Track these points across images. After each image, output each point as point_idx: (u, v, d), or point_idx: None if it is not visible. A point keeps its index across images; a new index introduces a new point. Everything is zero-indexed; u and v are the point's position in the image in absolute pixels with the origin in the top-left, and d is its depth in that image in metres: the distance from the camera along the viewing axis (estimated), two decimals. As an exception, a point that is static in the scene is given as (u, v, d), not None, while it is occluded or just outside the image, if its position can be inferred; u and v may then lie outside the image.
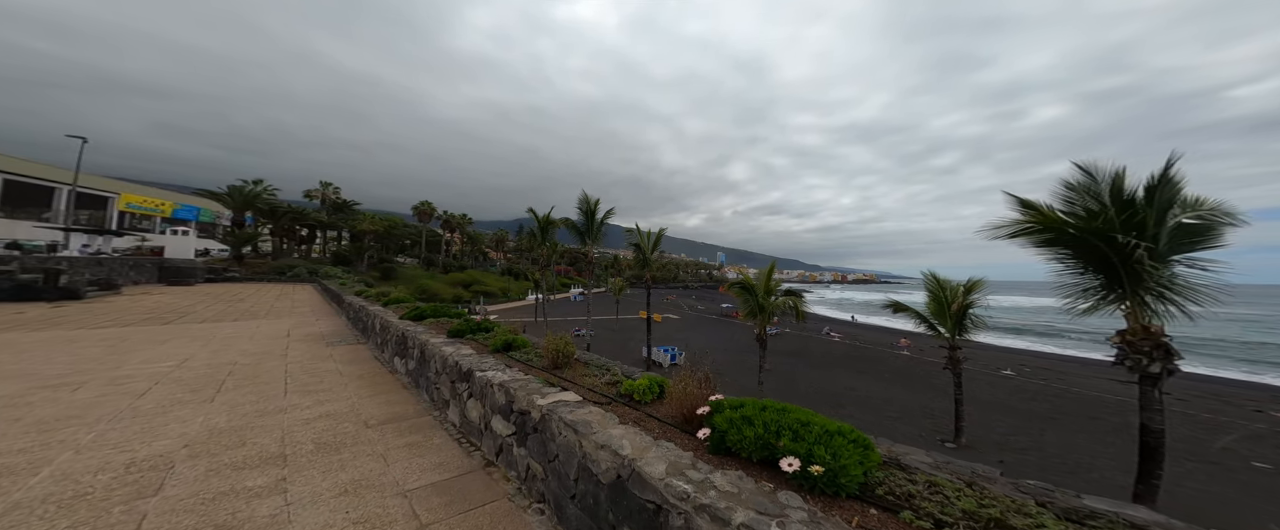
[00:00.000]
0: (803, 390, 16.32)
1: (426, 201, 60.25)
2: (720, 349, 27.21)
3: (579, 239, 22.60)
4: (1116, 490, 7.92)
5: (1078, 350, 33.72)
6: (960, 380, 10.11)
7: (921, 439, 10.92)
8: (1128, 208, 4.98)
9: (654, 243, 19.94)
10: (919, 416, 13.06)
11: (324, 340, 7.94)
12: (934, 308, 10.44)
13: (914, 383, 18.52)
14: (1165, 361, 4.80)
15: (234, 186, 36.00)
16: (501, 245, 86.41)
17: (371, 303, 9.63)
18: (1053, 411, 13.72)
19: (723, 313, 56.10)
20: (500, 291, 58.17)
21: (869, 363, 23.49)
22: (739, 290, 15.59)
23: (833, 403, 14.57)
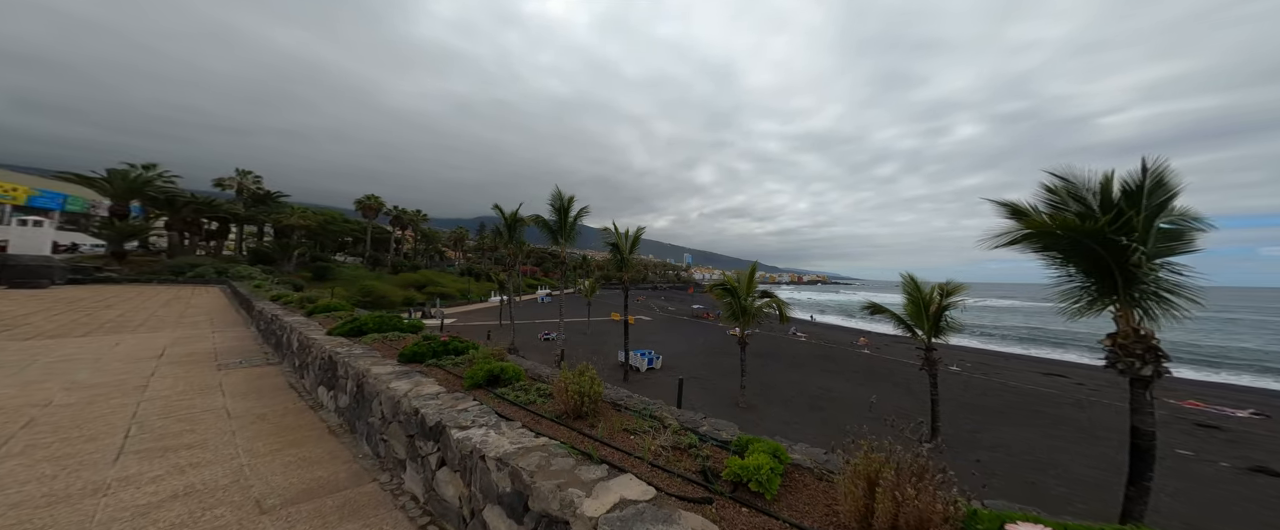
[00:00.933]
0: (785, 394, 16.34)
1: (372, 195, 54.46)
2: (695, 351, 27.03)
3: (551, 238, 21.21)
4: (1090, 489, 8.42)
5: (1002, 346, 38.10)
6: (936, 381, 10.43)
7: (897, 438, 11.18)
8: (1114, 210, 5.08)
9: (632, 242, 19.14)
10: (894, 416, 13.46)
11: (215, 362, 6.18)
12: (911, 310, 10.73)
13: (880, 380, 19.40)
14: (1156, 364, 4.92)
15: (115, 170, 29.64)
16: (460, 244, 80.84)
17: (291, 311, 7.85)
18: (1003, 406, 14.85)
19: (693, 314, 56.65)
20: (459, 293, 54.14)
21: (836, 362, 24.41)
22: (722, 292, 15.27)
23: (813, 406, 14.66)
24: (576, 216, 20.74)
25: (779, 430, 12.08)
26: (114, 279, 25.15)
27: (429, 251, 74.76)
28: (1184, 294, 4.75)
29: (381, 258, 55.50)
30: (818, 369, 22.05)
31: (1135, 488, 4.94)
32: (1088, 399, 16.62)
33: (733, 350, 27.93)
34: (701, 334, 35.62)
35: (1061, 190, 5.65)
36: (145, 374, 5.30)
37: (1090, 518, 7.47)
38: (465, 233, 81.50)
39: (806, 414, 13.56)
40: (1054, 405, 15.36)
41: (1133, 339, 5.04)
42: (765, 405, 14.69)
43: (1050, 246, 5.47)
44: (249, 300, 11.11)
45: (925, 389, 17.85)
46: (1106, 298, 5.22)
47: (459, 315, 40.94)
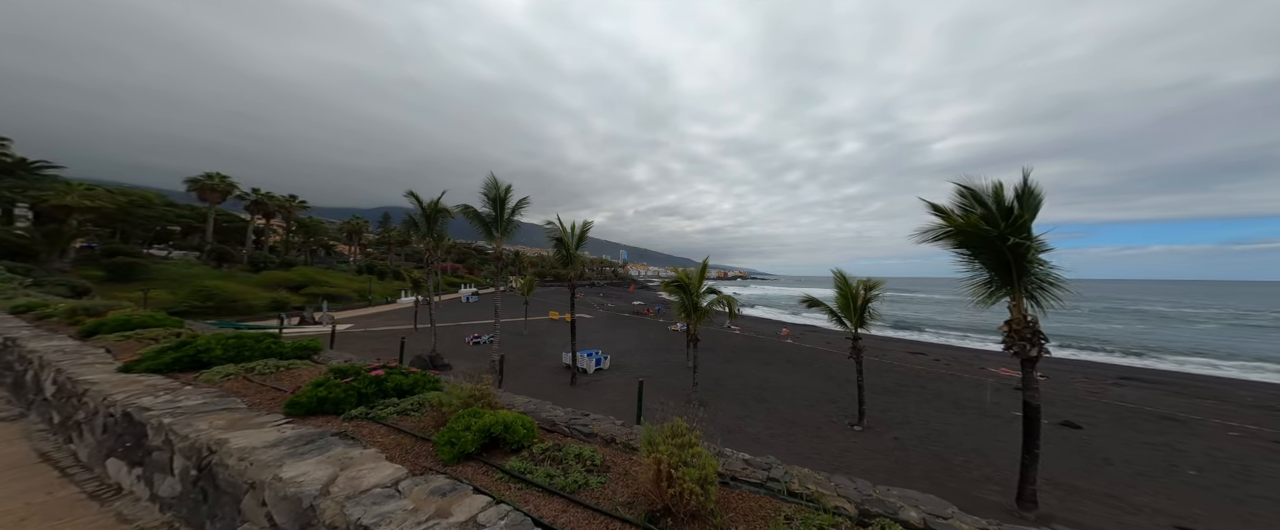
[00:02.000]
0: (731, 387, 16.98)
1: (216, 174, 42.03)
2: (641, 349, 26.86)
3: (484, 231, 18.65)
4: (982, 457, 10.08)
5: (877, 330, 46.41)
6: (861, 368, 11.77)
7: (832, 423, 12.36)
8: (1009, 213, 6.08)
9: (579, 238, 17.87)
10: (824, 402, 14.93)
11: None
12: (841, 303, 11.93)
13: (807, 369, 21.60)
14: (1040, 346, 6.01)
15: None
16: (357, 237, 68.09)
17: (50, 329, 5.01)
18: (895, 385, 17.68)
19: (634, 310, 56.98)
20: (357, 294, 45.30)
21: (767, 353, 26.61)
22: (675, 289, 15.11)
23: (758, 397, 15.47)
24: (514, 209, 18.59)
25: (733, 425, 12.39)
26: None
27: (310, 245, 60.77)
28: (1059, 285, 5.91)
29: (232, 252, 43.07)
30: (754, 361, 23.68)
31: (1028, 454, 6.00)
32: (952, 376, 20.92)
33: (678, 346, 28.59)
34: (645, 331, 35.75)
35: (968, 195, 6.58)
36: None
37: (992, 484, 8.45)
38: (364, 224, 68.56)
39: (754, 406, 14.22)
40: (931, 382, 18.96)
41: (1023, 325, 6.09)
42: (716, 400, 15.03)
43: (964, 244, 6.30)
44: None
45: (843, 374, 20.62)
46: (1004, 289, 6.22)
47: (356, 320, 34.10)
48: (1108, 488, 7.88)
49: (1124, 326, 50.38)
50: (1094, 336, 41.38)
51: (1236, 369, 27.06)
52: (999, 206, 6.16)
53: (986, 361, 25.54)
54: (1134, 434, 11.77)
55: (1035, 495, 5.84)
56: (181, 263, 38.57)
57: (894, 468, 9.01)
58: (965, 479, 8.40)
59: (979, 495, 7.30)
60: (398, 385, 3.24)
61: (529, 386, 17.01)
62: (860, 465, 9.23)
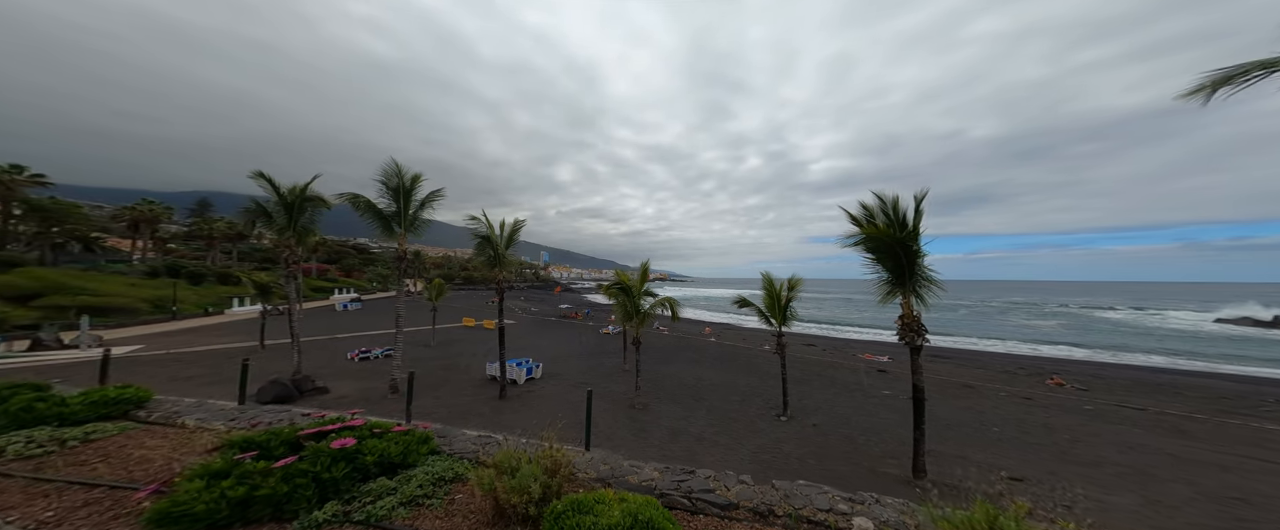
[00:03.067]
0: (669, 389, 17.31)
1: None
2: (574, 355, 25.67)
3: (381, 227, 15.23)
4: (885, 438, 12.08)
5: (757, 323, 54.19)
6: (785, 362, 13.33)
7: (762, 416, 13.66)
8: (903, 223, 7.63)
9: (509, 237, 16.03)
10: (753, 397, 16.41)
11: None
12: (768, 302, 13.36)
13: (733, 365, 23.55)
14: (923, 337, 7.63)
15: None
16: (150, 229, 49.16)
17: None
18: (801, 376, 20.57)
19: (561, 313, 54.66)
20: (149, 305, 32.22)
21: (696, 351, 28.33)
22: (617, 291, 14.74)
23: (696, 396, 16.11)
24: (423, 202, 15.70)
25: (679, 426, 12.59)
26: None
27: (55, 238, 40.57)
28: (935, 284, 7.63)
29: None
30: (685, 360, 24.88)
31: (918, 430, 7.54)
32: (838, 364, 25.50)
33: (611, 349, 28.24)
34: (574, 335, 34.41)
35: (874, 208, 8.04)
36: None
37: (889, 459, 10.13)
38: (161, 210, 49.05)
39: (694, 406, 14.77)
40: (826, 370, 22.75)
41: (912, 319, 7.67)
42: (657, 403, 15.15)
43: (874, 248, 7.64)
44: None
45: (763, 368, 23.16)
46: (898, 288, 7.76)
47: (150, 339, 24.21)
48: (956, 449, 10.45)
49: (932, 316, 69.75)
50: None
51: (988, 344, 39.92)
52: (897, 217, 7.72)
53: (855, 349, 32.11)
54: (955, 402, 16.08)
55: (925, 465, 7.46)
56: None
57: (819, 452, 10.37)
58: (871, 456, 10.16)
59: (884, 471, 8.88)
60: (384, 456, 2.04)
61: (450, 404, 14.48)
62: (794, 453, 10.35)
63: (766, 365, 23.46)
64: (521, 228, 16.30)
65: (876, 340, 39.04)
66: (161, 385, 15.13)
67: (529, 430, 12.23)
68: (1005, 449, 11.03)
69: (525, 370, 18.49)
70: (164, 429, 2.79)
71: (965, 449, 10.59)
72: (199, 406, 6.38)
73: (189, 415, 4.77)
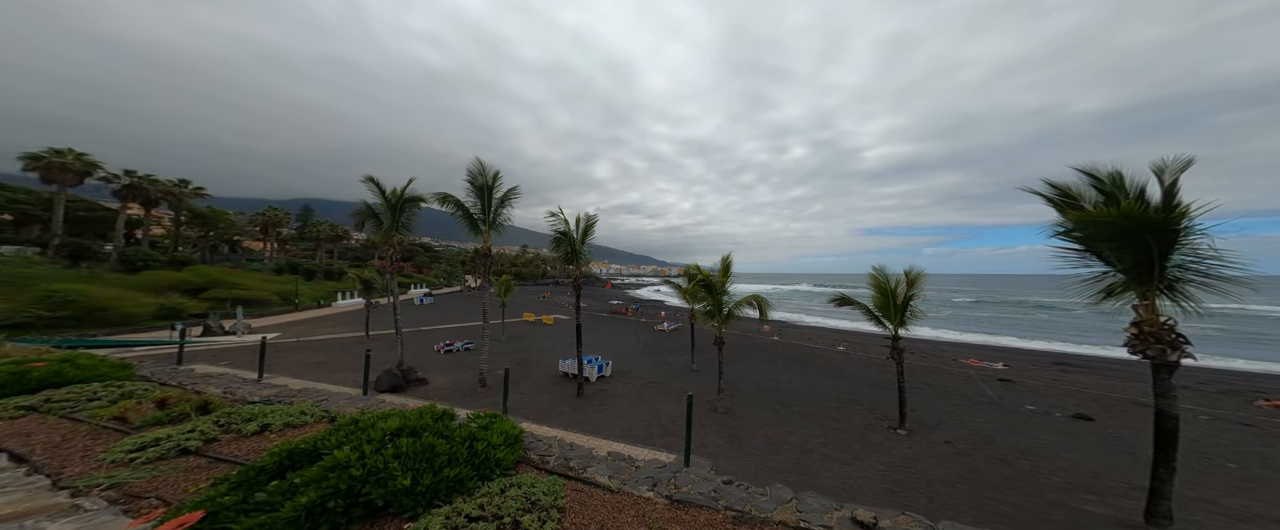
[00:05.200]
0: (749, 391, 16.11)
1: (68, 150, 32.78)
2: (637, 352, 25.32)
3: (469, 225, 15.83)
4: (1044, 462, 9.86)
5: (837, 322, 48.98)
6: (903, 369, 11.43)
7: (872, 427, 11.93)
8: (1146, 206, 5.49)
9: (585, 231, 15.84)
10: (849, 403, 14.60)
11: None
12: (879, 300, 11.51)
13: (811, 367, 21.56)
14: (1181, 351, 5.62)
15: None
16: (275, 232, 57.74)
17: None
18: (915, 384, 18.02)
19: (612, 309, 55.15)
20: (279, 298, 37.94)
21: (762, 351, 26.51)
22: (698, 288, 13.79)
23: (781, 401, 14.74)
24: (503, 199, 16.05)
25: (774, 434, 11.41)
26: None
27: (208, 241, 49.89)
28: (1224, 280, 5.20)
29: (92, 247, 33.74)
30: (754, 360, 23.30)
31: (1166, 468, 5.54)
32: (939, 369, 22.14)
33: (672, 347, 27.51)
34: (630, 332, 34.22)
35: (1102, 182, 5.82)
36: None
37: (1083, 492, 7.72)
38: (283, 215, 57.93)
39: (784, 412, 13.43)
40: (929, 376, 19.74)
41: (1159, 327, 5.66)
42: (740, 406, 14.05)
43: (1108, 235, 5.61)
44: None
45: (844, 371, 20.77)
46: (1140, 285, 5.67)
47: (283, 328, 28.24)
48: (1195, 490, 7.64)
49: (1024, 316, 59.40)
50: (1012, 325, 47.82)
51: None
52: (1139, 198, 5.66)
53: (950, 353, 27.87)
54: (1143, 425, 12.58)
55: (1171, 510, 5.44)
56: (16, 260, 28.94)
57: (969, 476, 8.61)
58: (1051, 487, 8.15)
59: (1084, 509, 6.89)
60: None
61: (532, 400, 14.73)
62: (936, 475, 8.71)
63: (851, 368, 21.09)
64: (596, 223, 16.04)
65: (967, 342, 33.77)
66: (302, 371, 17.34)
67: (613, 431, 11.76)
68: (1256, 490, 8.22)
69: (597, 368, 18.41)
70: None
71: (1203, 488, 8.01)
72: (356, 400, 6.73)
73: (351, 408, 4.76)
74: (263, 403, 2.22)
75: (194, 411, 2.04)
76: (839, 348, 27.10)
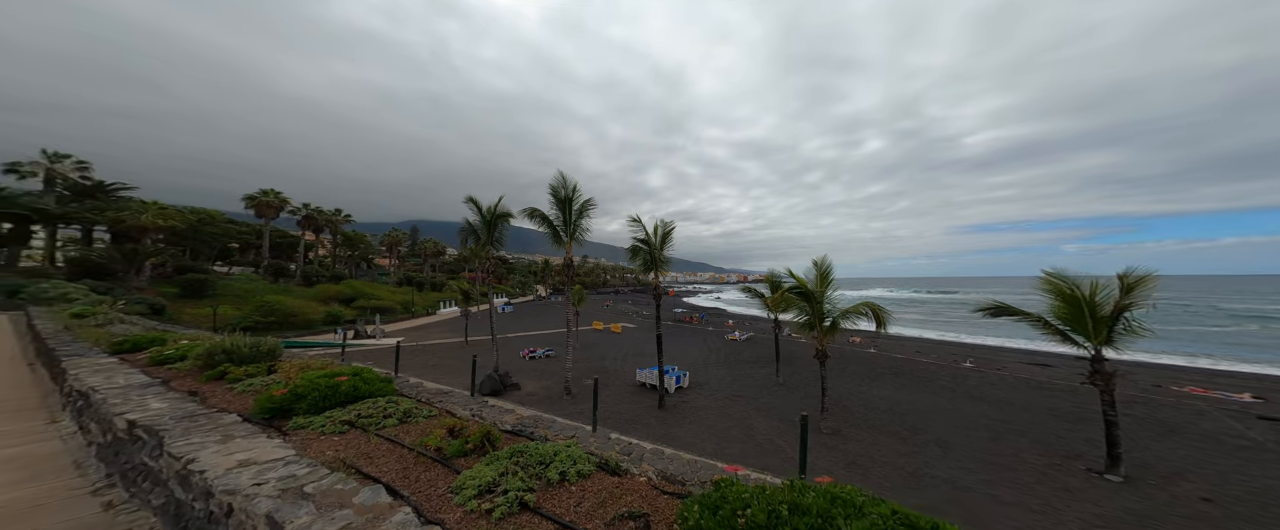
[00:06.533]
0: (858, 411, 13.97)
1: (271, 190, 43.34)
2: (711, 363, 24.14)
3: (552, 236, 16.76)
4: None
5: (969, 336, 40.31)
6: (1113, 400, 8.55)
7: (1058, 466, 9.18)
8: None
9: (663, 238, 15.57)
10: (1008, 433, 11.69)
11: None
12: (1064, 311, 8.82)
13: (934, 386, 18.10)
14: None
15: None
16: (396, 249, 69.38)
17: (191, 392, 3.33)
18: (1082, 413, 13.84)
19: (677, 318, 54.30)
20: (401, 306, 45.22)
21: (860, 365, 23.23)
22: (793, 296, 12.39)
23: (907, 425, 12.41)
24: (581, 210, 16.64)
25: (909, 465, 9.45)
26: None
27: (352, 259, 62.24)
28: None
29: (285, 267, 43.98)
30: (854, 374, 20.45)
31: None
32: (1142, 398, 16.61)
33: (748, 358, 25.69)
34: (700, 341, 33.02)
35: None
36: None
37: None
38: (403, 235, 70.06)
39: (914, 439, 11.22)
40: (1135, 406, 14.88)
41: None
42: (850, 428, 12.15)
43: None
44: (55, 353, 5.36)
45: (983, 392, 16.50)
46: None
47: (407, 332, 33.28)
48: None
49: (1240, 329, 42.52)
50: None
51: None
52: None
53: (1137, 374, 20.87)
54: None
55: None
56: (242, 278, 39.54)
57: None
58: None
59: None
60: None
61: (614, 411, 14.72)
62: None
63: (994, 390, 17.12)
64: (674, 230, 15.69)
65: (1168, 364, 25.14)
66: (423, 372, 20.00)
67: (705, 448, 10.85)
68: None
69: (675, 379, 17.84)
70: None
71: None
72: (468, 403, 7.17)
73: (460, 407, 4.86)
74: (538, 441, 2.13)
75: (482, 442, 2.02)
76: (965, 363, 22.37)
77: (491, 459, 1.94)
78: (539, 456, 1.97)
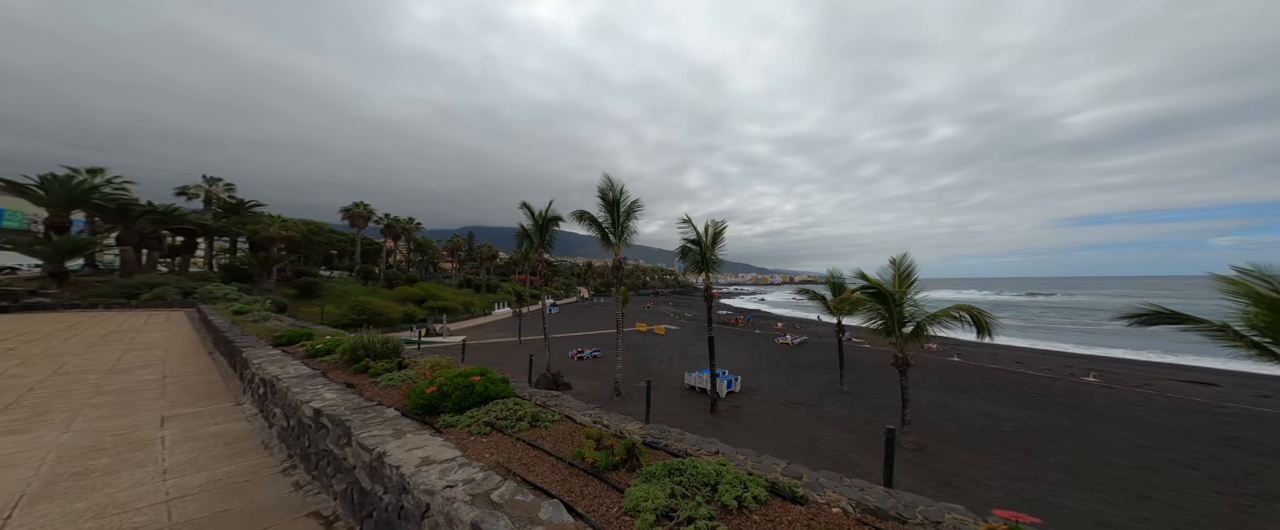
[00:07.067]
0: (945, 426, 12.18)
1: (361, 203, 49.70)
2: (761, 367, 22.86)
3: (600, 237, 17.02)
4: None
5: (1072, 343, 33.82)
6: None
7: (1248, 511, 7.07)
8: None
9: (714, 239, 15.02)
10: (1170, 465, 9.36)
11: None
12: (1269, 318, 6.69)
13: (1051, 403, 15.16)
14: None
15: (51, 176, 24.50)
16: (457, 253, 76.00)
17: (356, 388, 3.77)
18: (1277, 444, 10.77)
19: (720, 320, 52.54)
20: (462, 306, 49.38)
21: (944, 375, 20.49)
22: (867, 297, 11.12)
23: (1016, 446, 10.51)
24: (628, 212, 16.67)
25: (1023, 491, 7.92)
26: (46, 305, 20.29)
27: (422, 263, 69.68)
28: None
29: (372, 270, 50.43)
30: (935, 386, 18.02)
31: None
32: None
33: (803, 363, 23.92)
34: (748, 345, 31.46)
35: None
36: None
37: None
38: (462, 240, 76.78)
39: (1026, 461, 9.48)
40: None
41: None
42: (937, 445, 10.58)
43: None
44: (232, 344, 6.55)
45: (1135, 416, 13.42)
46: None
47: (467, 331, 36.20)
48: None
49: None
50: None
51: None
52: None
53: None
54: None
55: None
56: (340, 280, 46.22)
57: None
58: None
59: None
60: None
61: (663, 413, 14.45)
62: None
63: (1134, 410, 13.94)
64: (725, 230, 15.07)
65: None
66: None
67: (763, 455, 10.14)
68: None
69: (726, 383, 17.09)
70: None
71: None
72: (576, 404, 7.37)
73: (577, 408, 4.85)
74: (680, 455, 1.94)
75: (628, 455, 1.93)
76: (1087, 377, 18.52)
77: (648, 476, 1.75)
78: (701, 476, 1.74)
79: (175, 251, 35.32)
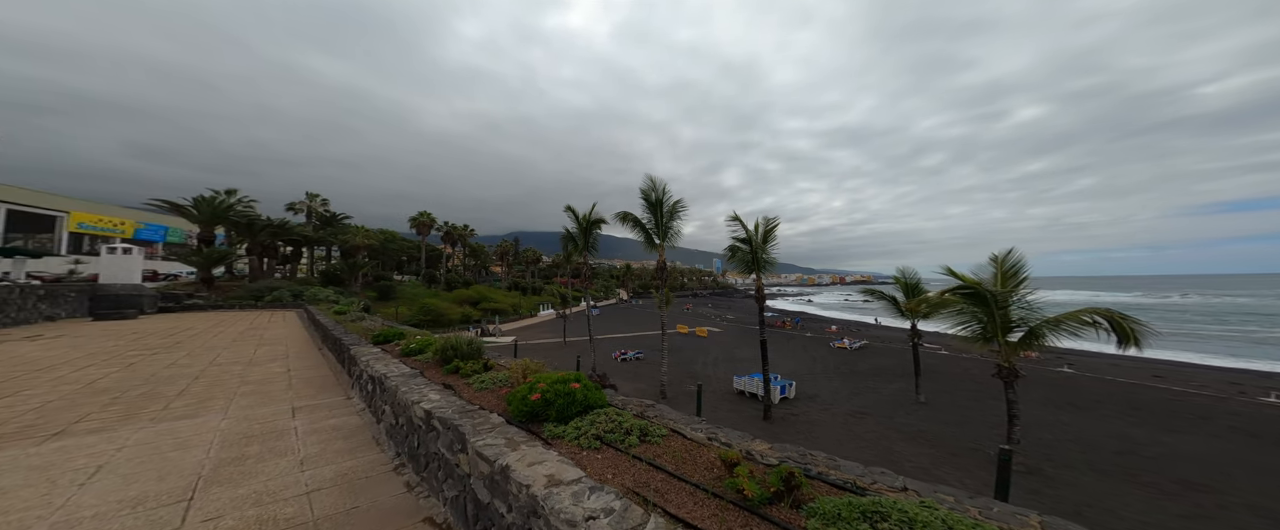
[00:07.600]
0: (1065, 449, 10.28)
1: (425, 212, 54.90)
2: (817, 373, 21.23)
3: (644, 238, 16.99)
4: None
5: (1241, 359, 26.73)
6: None
7: None
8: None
9: (765, 235, 14.26)
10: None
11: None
12: None
13: (1219, 427, 12.19)
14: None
15: (201, 198, 30.46)
16: (506, 257, 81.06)
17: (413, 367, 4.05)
18: None
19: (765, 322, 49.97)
20: (511, 308, 52.47)
21: (1058, 390, 17.53)
22: (961, 299, 9.73)
23: (1173, 478, 8.49)
24: (671, 212, 16.42)
25: (1170, 524, 6.33)
26: (200, 305, 25.08)
27: (476, 267, 75.38)
28: None
29: (435, 275, 55.59)
30: (1044, 401, 15.43)
31: None
32: None
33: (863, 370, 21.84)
34: (799, 348, 29.51)
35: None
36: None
37: None
38: (510, 245, 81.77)
39: (1190, 494, 7.68)
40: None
41: None
42: (1056, 468, 8.91)
43: None
44: (340, 341, 7.28)
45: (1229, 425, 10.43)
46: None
47: (516, 331, 38.34)
48: None
49: None
50: None
51: None
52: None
53: None
54: None
55: None
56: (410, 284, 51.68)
57: None
58: None
59: None
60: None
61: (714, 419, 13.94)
62: None
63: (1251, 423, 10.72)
64: (777, 227, 14.25)
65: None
66: None
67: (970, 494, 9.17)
68: None
69: (780, 389, 16.11)
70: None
71: None
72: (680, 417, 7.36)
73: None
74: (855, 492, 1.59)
75: (785, 487, 1.68)
76: (1269, 397, 14.62)
77: (830, 518, 1.36)
78: (900, 518, 1.30)
79: (286, 259, 42.02)
